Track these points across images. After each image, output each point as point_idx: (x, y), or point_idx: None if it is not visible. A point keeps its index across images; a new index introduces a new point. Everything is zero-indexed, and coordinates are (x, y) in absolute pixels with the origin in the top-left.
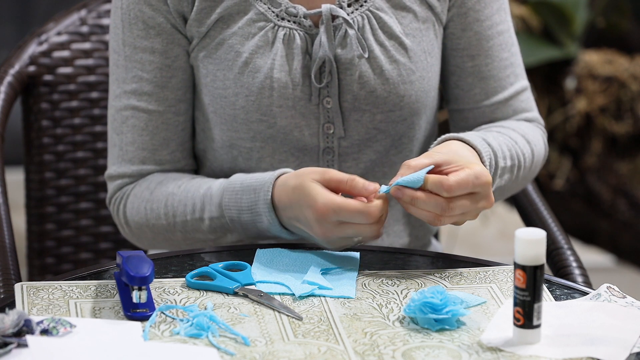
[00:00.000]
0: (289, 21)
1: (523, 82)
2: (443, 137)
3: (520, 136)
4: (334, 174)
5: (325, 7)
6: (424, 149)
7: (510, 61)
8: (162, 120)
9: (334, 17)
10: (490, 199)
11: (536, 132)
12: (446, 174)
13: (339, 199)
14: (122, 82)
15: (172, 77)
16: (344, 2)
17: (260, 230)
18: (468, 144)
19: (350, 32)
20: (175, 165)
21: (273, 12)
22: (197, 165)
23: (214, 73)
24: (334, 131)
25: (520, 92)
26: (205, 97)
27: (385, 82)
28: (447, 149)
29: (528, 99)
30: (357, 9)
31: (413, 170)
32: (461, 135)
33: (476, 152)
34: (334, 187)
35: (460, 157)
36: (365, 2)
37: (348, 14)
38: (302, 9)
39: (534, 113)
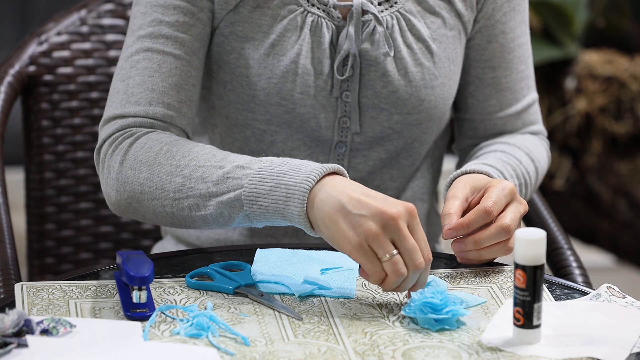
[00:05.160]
0: (318, 8)
1: (534, 94)
2: (451, 177)
3: (525, 155)
4: None
5: (356, 1)
6: (431, 156)
7: (525, 73)
8: (176, 65)
9: (363, 13)
10: (523, 202)
11: (540, 147)
12: (472, 204)
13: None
14: (138, 29)
15: (193, 25)
16: (374, 0)
17: (277, 197)
18: (475, 173)
19: (379, 29)
20: (180, 120)
21: None
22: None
23: (238, 51)
24: (350, 126)
25: (531, 104)
26: (226, 74)
27: (409, 84)
28: (463, 184)
29: (536, 111)
30: (386, 9)
31: (457, 214)
32: (464, 169)
33: (484, 174)
34: None
35: (477, 183)
36: (395, 3)
37: (378, 12)
38: None
39: (540, 125)
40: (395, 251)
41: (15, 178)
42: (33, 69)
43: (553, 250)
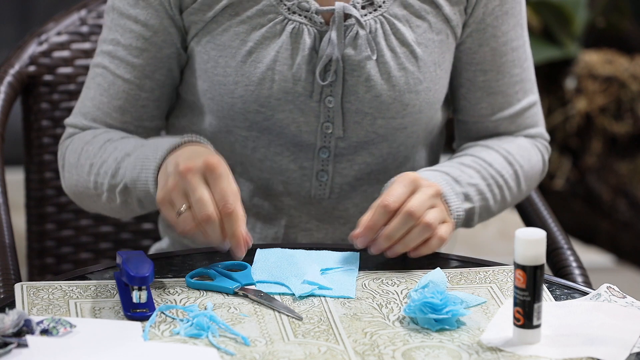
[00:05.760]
0: (300, 15)
1: (532, 97)
2: (384, 187)
3: (500, 157)
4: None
5: (338, 5)
6: (426, 159)
7: (520, 77)
8: (123, 89)
9: (346, 17)
10: (433, 185)
11: (530, 151)
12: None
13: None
14: (103, 42)
15: (145, 50)
16: (358, 3)
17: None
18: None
19: (362, 33)
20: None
21: (285, 5)
22: None
23: (215, 59)
24: (333, 131)
25: (527, 108)
26: (204, 83)
27: (392, 89)
28: (387, 190)
29: (534, 115)
30: (370, 13)
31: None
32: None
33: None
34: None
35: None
36: (379, 7)
37: (361, 16)
38: (314, 5)
39: (538, 129)
40: (185, 205)
41: (15, 178)
42: (33, 68)
43: (553, 250)
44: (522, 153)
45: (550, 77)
